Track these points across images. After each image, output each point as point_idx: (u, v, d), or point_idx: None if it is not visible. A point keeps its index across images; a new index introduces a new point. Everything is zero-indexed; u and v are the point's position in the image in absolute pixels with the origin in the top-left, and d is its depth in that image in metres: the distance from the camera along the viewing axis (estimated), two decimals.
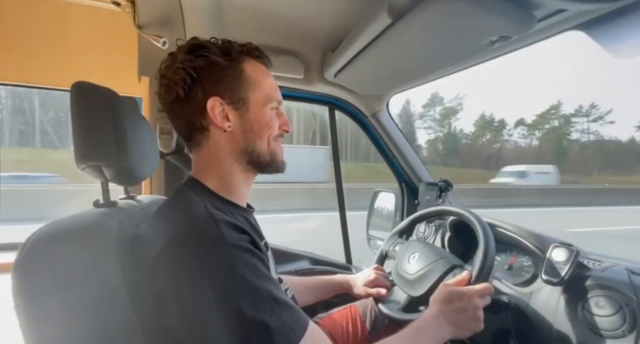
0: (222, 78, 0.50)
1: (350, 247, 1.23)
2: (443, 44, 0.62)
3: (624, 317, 0.52)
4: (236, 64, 0.51)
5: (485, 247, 0.65)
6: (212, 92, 0.49)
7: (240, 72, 0.51)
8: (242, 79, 0.51)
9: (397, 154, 1.19)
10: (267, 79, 0.55)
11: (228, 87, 0.50)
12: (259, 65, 0.54)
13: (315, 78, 1.00)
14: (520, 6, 0.49)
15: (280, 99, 0.56)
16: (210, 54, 0.49)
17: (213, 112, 0.49)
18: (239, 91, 0.51)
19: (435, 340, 0.53)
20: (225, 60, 0.50)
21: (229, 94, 0.50)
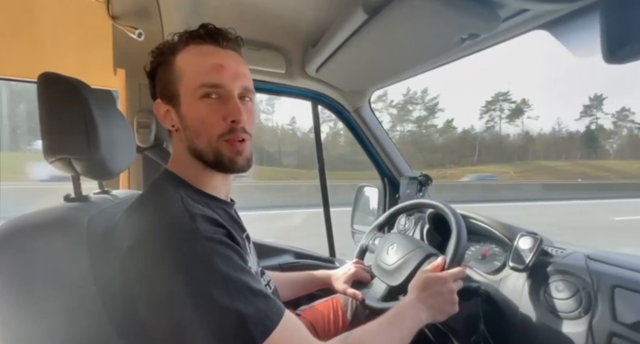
0: (161, 77, 0.51)
1: (333, 241, 1.25)
2: (418, 41, 0.64)
3: (580, 300, 0.56)
4: (172, 58, 0.49)
5: (457, 235, 0.69)
6: (158, 94, 0.51)
7: (173, 65, 0.48)
8: (173, 73, 0.48)
9: (379, 149, 1.21)
10: (199, 61, 0.47)
11: (164, 86, 0.50)
12: (195, 48, 0.48)
13: (297, 73, 1.00)
14: (485, 5, 0.51)
15: (216, 83, 0.46)
16: (163, 56, 0.50)
17: (158, 114, 0.51)
18: (170, 86, 0.49)
19: (413, 325, 0.55)
20: (168, 57, 0.49)
21: (165, 93, 0.50)
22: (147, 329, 0.41)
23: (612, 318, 0.51)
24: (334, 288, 0.83)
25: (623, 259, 0.60)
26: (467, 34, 0.58)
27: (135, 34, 0.75)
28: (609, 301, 0.52)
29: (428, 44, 0.65)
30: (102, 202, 0.54)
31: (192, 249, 0.39)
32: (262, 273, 0.65)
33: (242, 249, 0.45)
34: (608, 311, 0.52)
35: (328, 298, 0.92)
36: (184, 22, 0.78)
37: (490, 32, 0.57)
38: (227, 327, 0.37)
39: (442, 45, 0.63)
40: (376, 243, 0.92)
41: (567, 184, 17.27)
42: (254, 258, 0.60)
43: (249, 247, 0.58)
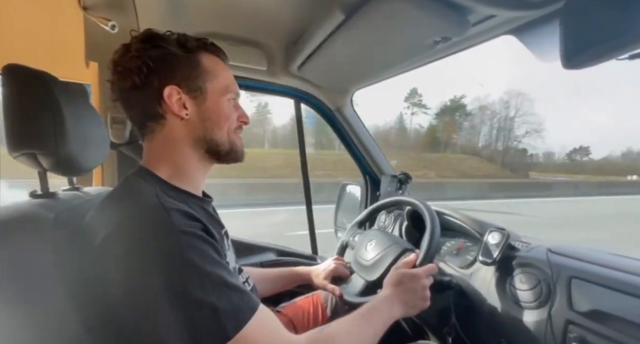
0: (178, 67, 0.50)
1: (316, 239, 1.26)
2: (394, 42, 0.66)
3: (540, 290, 0.60)
4: (192, 55, 0.52)
5: (431, 231, 0.71)
6: (169, 81, 0.49)
7: (197, 62, 0.52)
8: (199, 69, 0.52)
9: (360, 147, 1.23)
10: (224, 71, 0.56)
11: (185, 76, 0.51)
12: (216, 59, 0.56)
13: (279, 70, 1.00)
14: (455, 10, 0.53)
15: (238, 92, 0.57)
16: (167, 45, 0.50)
17: (170, 100, 0.49)
18: (196, 80, 0.51)
19: (387, 319, 0.57)
20: (181, 51, 0.51)
21: (186, 83, 0.51)
22: (118, 324, 0.41)
23: (569, 306, 0.55)
24: (314, 284, 0.84)
25: (581, 251, 0.64)
26: (439, 37, 0.60)
27: (109, 26, 0.73)
28: (566, 291, 0.56)
29: (404, 46, 0.67)
30: (71, 199, 0.52)
31: (166, 243, 0.39)
32: (240, 270, 0.65)
33: (218, 244, 0.45)
34: (565, 301, 0.56)
35: (309, 294, 0.93)
36: (161, 14, 0.77)
37: (461, 36, 0.59)
38: (200, 320, 0.37)
39: (417, 47, 0.65)
40: (356, 240, 0.94)
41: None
42: (232, 255, 0.61)
43: (227, 244, 0.58)
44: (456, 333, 0.70)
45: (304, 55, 0.86)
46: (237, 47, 0.93)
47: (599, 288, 0.53)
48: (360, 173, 1.35)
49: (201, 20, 0.82)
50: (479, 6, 0.51)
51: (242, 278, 0.64)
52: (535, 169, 28.55)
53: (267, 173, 12.49)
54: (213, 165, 0.57)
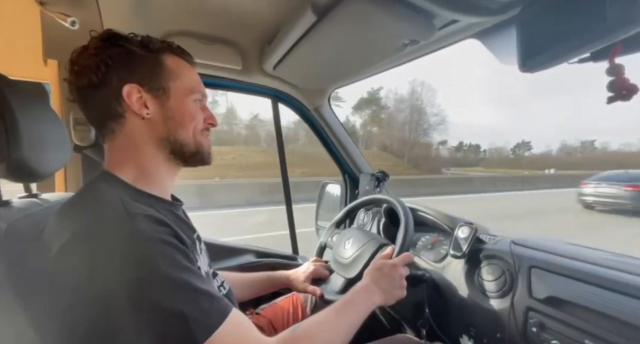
0: (139, 66, 0.49)
1: (296, 239, 1.26)
2: (365, 43, 0.67)
3: (504, 280, 0.64)
4: (155, 55, 0.51)
5: (405, 226, 0.74)
6: (129, 79, 0.48)
7: (160, 62, 0.51)
8: (162, 68, 0.51)
9: (339, 147, 1.24)
10: (189, 72, 0.55)
11: (146, 75, 0.49)
12: (180, 60, 0.55)
13: (254, 70, 0.99)
14: (421, 15, 0.55)
15: (204, 93, 0.56)
16: (128, 44, 0.49)
17: (130, 99, 0.48)
18: (158, 79, 0.50)
19: (365, 308, 0.58)
20: (144, 51, 0.50)
21: (148, 82, 0.49)
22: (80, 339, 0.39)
23: (529, 294, 0.59)
24: (294, 288, 0.84)
25: (541, 242, 0.69)
26: (408, 39, 0.62)
27: (68, 22, 0.69)
28: (526, 280, 0.60)
29: (375, 48, 0.68)
30: (27, 207, 0.49)
31: (131, 250, 0.38)
32: (214, 275, 0.64)
33: (189, 249, 0.44)
34: (526, 289, 0.59)
35: (289, 294, 0.93)
36: (127, 10, 0.73)
37: (427, 39, 0.61)
38: (169, 328, 0.37)
39: (388, 49, 0.67)
40: (334, 240, 0.96)
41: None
42: (205, 259, 0.59)
43: (199, 248, 0.57)
44: (429, 325, 0.73)
45: (278, 55, 0.85)
46: (210, 46, 0.91)
47: (555, 276, 0.57)
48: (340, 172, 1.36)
49: (171, 18, 0.79)
50: (442, 11, 0.53)
51: (217, 282, 0.63)
52: (462, 165, 29.50)
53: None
54: (180, 168, 0.56)
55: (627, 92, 0.42)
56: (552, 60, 0.49)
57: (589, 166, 32.90)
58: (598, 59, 0.47)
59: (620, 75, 0.43)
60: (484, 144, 31.94)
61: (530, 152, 40.58)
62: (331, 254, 0.92)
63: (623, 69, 0.44)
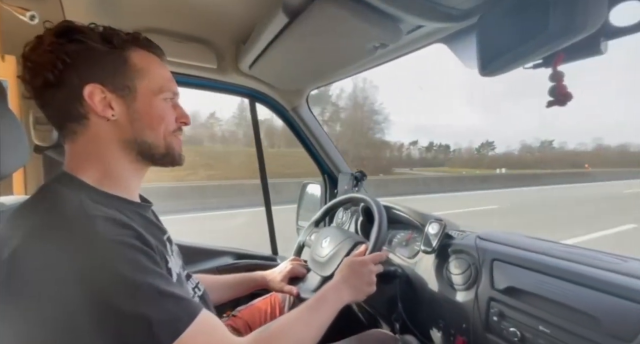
0: (102, 64, 0.47)
1: (275, 240, 1.26)
2: (337, 46, 0.68)
3: (470, 273, 0.67)
4: (120, 51, 0.48)
5: (378, 224, 0.76)
6: (91, 78, 0.45)
7: (125, 59, 0.48)
8: (127, 67, 0.48)
9: (317, 147, 1.25)
10: (158, 69, 0.52)
11: (110, 74, 0.47)
12: (149, 55, 0.52)
13: (230, 69, 0.98)
14: (389, 19, 0.57)
15: (175, 91, 0.54)
16: (87, 40, 0.45)
17: (92, 100, 0.45)
18: (123, 78, 0.48)
19: (335, 305, 0.59)
20: (106, 47, 0.47)
21: (112, 81, 0.47)
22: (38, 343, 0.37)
23: (491, 285, 0.62)
24: (271, 288, 0.84)
25: (504, 236, 0.73)
26: (378, 43, 0.64)
27: (27, 17, 0.65)
28: (489, 272, 0.64)
29: (347, 50, 0.70)
30: None
31: (89, 254, 0.36)
32: (188, 277, 0.63)
33: (155, 252, 0.43)
34: (488, 281, 0.63)
35: (266, 295, 0.93)
36: (90, 5, 0.70)
37: (396, 43, 0.63)
38: (133, 333, 0.36)
39: (360, 51, 0.68)
40: (312, 238, 0.97)
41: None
42: (177, 261, 0.58)
43: (170, 250, 0.55)
44: (403, 319, 0.75)
45: (253, 55, 0.85)
46: (183, 44, 0.89)
47: (514, 267, 0.61)
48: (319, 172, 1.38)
49: (140, 14, 0.77)
50: (408, 17, 0.55)
51: (191, 284, 0.62)
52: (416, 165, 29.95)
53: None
54: (148, 168, 0.54)
55: (563, 98, 0.46)
56: (507, 65, 0.53)
57: (546, 164, 35.09)
58: (548, 66, 0.51)
59: (560, 81, 0.47)
60: (454, 145, 33.27)
61: (494, 151, 43.00)
62: (309, 252, 0.93)
63: (563, 76, 0.48)
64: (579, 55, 0.49)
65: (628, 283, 0.47)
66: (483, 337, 0.60)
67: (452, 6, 0.55)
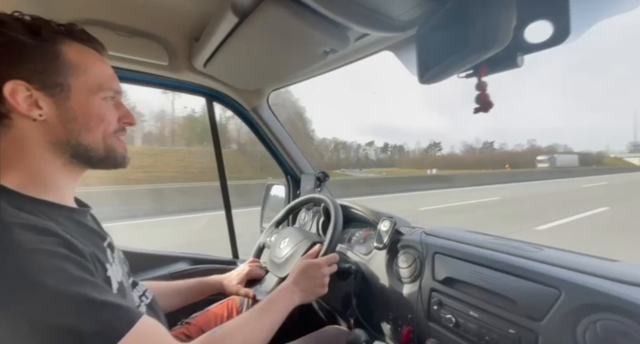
0: (27, 59, 0.42)
1: (236, 243, 1.24)
2: (290, 48, 0.69)
3: (415, 267, 0.72)
4: (50, 45, 0.44)
5: (334, 224, 0.78)
6: (13, 75, 0.41)
7: (56, 54, 0.45)
8: (59, 62, 0.45)
9: (280, 148, 1.25)
10: (97, 65, 0.49)
11: (37, 70, 0.43)
12: (86, 50, 0.49)
13: (183, 66, 0.94)
14: (336, 27, 0.59)
15: (117, 89, 0.51)
16: (8, 31, 0.41)
17: (14, 98, 0.41)
18: (54, 75, 0.44)
19: (285, 307, 0.60)
20: (33, 39, 0.43)
21: (40, 78, 0.43)
22: None
23: (432, 277, 0.67)
24: (227, 292, 0.83)
25: (447, 231, 0.79)
26: (328, 48, 0.66)
27: None
28: (431, 265, 0.69)
29: (299, 53, 0.71)
30: None
31: (7, 265, 0.33)
32: (134, 284, 0.60)
33: (88, 259, 0.41)
34: (430, 273, 0.68)
35: (224, 300, 0.91)
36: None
37: (344, 49, 0.66)
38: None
39: (311, 55, 0.70)
40: (272, 240, 0.96)
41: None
42: (119, 268, 0.55)
43: (111, 257, 0.52)
44: (356, 314, 0.78)
45: (207, 53, 0.83)
46: (130, 39, 0.84)
47: (452, 259, 0.66)
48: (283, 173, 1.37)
49: (80, 5, 0.71)
50: (354, 25, 0.57)
51: (138, 292, 0.59)
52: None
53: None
54: (84, 171, 0.51)
55: (486, 105, 0.52)
56: (442, 74, 0.57)
57: (481, 165, 38.59)
58: (476, 76, 0.57)
59: (484, 90, 0.53)
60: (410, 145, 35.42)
61: (440, 152, 46.44)
62: (268, 254, 0.93)
63: (486, 85, 0.53)
64: (499, 67, 0.55)
65: (540, 268, 0.53)
66: (425, 325, 0.65)
67: (394, 17, 0.59)
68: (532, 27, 0.51)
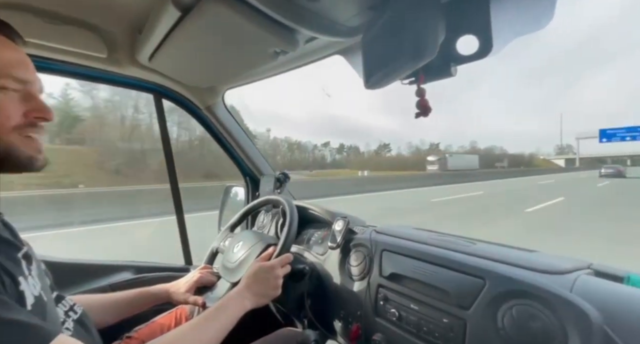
0: None
1: (189, 248, 1.17)
2: (238, 47, 0.67)
3: (365, 264, 0.74)
4: None
5: (288, 225, 0.77)
6: None
7: None
8: None
9: (237, 148, 1.21)
10: (1, 51, 0.43)
11: None
12: None
13: (125, 60, 0.87)
14: (284, 28, 0.59)
15: (25, 78, 0.45)
16: None
17: None
18: None
19: (235, 313, 0.59)
20: None
21: None
22: None
23: (379, 273, 0.70)
24: (174, 301, 0.78)
25: (396, 229, 0.83)
26: (278, 49, 0.66)
27: None
28: (379, 262, 0.72)
29: (249, 52, 0.70)
30: None
31: None
32: (59, 298, 0.54)
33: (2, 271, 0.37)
34: (378, 270, 0.71)
35: (172, 309, 0.86)
36: None
37: (294, 50, 0.66)
38: None
39: (261, 55, 0.69)
40: (226, 244, 0.93)
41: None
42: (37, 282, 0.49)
43: (27, 269, 0.46)
44: (309, 315, 0.79)
45: (151, 47, 0.77)
46: (60, 27, 0.75)
47: (397, 255, 0.70)
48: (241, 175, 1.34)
49: None
50: (301, 28, 0.58)
51: (64, 307, 0.53)
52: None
53: None
54: None
55: (425, 110, 0.55)
56: (384, 80, 0.60)
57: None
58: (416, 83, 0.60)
59: (423, 97, 0.56)
60: (365, 146, 37.15)
61: (390, 153, 49.52)
62: (221, 259, 0.90)
63: (424, 92, 0.57)
64: (436, 76, 0.59)
65: (470, 261, 0.58)
66: (372, 321, 0.67)
67: (340, 23, 0.61)
68: (462, 41, 0.56)
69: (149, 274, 1.01)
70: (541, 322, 0.45)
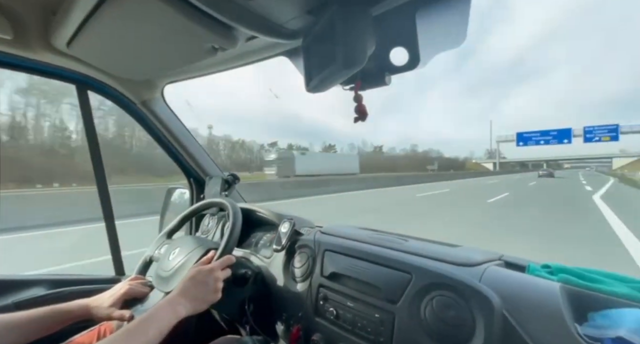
0: None
1: (121, 257, 1.06)
2: (170, 38, 0.63)
3: (308, 265, 0.75)
4: None
5: (231, 227, 0.74)
6: None
7: None
8: None
9: (179, 147, 1.13)
10: None
11: None
12: None
13: (37, 44, 0.75)
14: (221, 24, 0.57)
15: None
16: None
17: None
18: None
19: (165, 322, 0.55)
20: None
21: None
22: None
23: (321, 273, 0.71)
24: (96, 317, 0.70)
25: (340, 229, 0.86)
26: (216, 45, 0.63)
27: None
28: (321, 262, 0.73)
29: (185, 45, 0.65)
30: None
31: None
32: None
33: None
34: (319, 270, 0.72)
35: (94, 327, 0.77)
36: None
37: (234, 48, 0.64)
38: None
39: (198, 50, 0.65)
40: (162, 251, 0.86)
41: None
42: None
43: None
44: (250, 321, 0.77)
45: (69, 32, 0.68)
46: None
47: (338, 255, 0.72)
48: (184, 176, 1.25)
49: None
50: (237, 26, 0.56)
51: None
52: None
53: None
54: None
55: (362, 115, 0.58)
56: (323, 84, 0.61)
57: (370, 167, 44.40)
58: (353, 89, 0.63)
59: (360, 102, 0.59)
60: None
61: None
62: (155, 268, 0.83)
63: (362, 98, 0.60)
64: (372, 84, 0.62)
65: (400, 257, 0.63)
66: (312, 321, 0.68)
67: (280, 24, 0.60)
68: (394, 52, 0.60)
69: (69, 288, 0.89)
70: (455, 310, 0.50)
